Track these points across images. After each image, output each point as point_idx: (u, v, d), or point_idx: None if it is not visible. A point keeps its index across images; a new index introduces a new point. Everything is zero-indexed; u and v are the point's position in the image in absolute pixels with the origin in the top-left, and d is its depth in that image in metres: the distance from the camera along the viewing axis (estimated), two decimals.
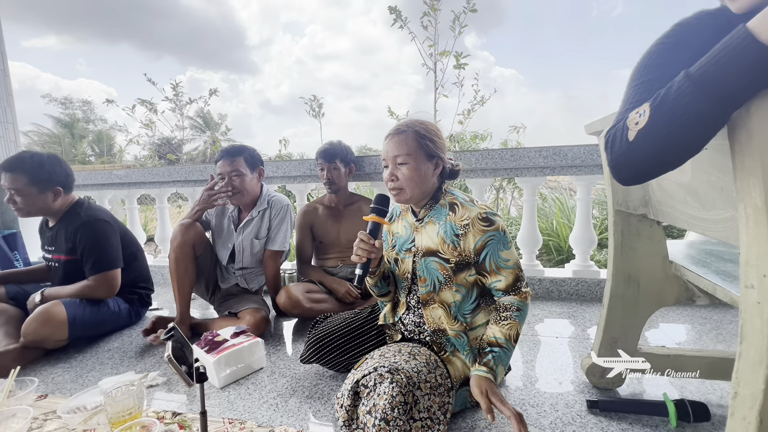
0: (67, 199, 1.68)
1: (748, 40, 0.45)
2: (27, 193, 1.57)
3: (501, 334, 0.99)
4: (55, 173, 1.62)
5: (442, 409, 0.95)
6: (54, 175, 1.61)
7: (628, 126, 0.58)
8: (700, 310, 1.78)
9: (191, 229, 1.67)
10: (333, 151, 1.87)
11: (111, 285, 1.65)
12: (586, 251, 2.08)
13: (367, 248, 1.06)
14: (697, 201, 0.76)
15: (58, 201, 1.64)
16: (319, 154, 1.90)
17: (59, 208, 1.66)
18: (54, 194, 1.62)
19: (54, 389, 1.31)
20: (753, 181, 0.51)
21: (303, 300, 1.67)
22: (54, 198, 1.63)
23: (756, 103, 0.49)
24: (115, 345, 1.64)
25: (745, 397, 0.54)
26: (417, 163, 1.06)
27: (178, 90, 6.64)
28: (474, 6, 3.98)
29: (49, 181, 1.60)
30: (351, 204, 1.95)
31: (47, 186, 1.60)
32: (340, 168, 1.87)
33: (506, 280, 1.04)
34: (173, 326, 0.90)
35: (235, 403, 1.18)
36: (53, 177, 1.61)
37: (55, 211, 1.66)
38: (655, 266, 1.05)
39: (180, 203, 8.49)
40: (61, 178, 1.64)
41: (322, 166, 1.88)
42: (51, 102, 20.00)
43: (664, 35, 0.65)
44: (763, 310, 0.51)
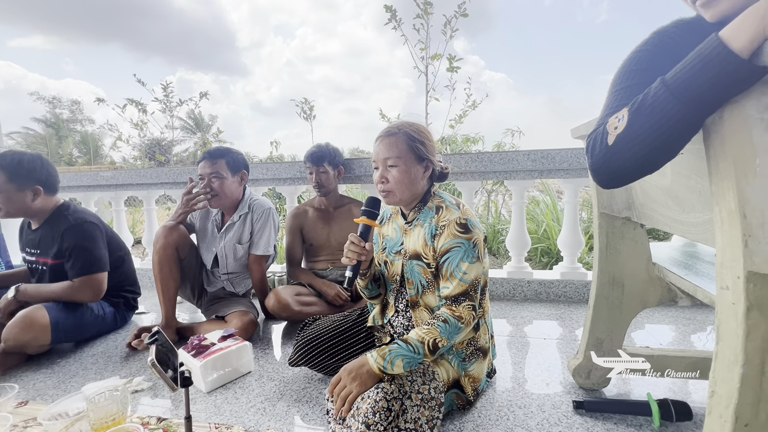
0: (50, 200, 1.64)
1: (720, 48, 0.46)
2: (4, 191, 1.52)
3: (415, 334, 0.97)
4: (35, 171, 1.57)
5: (430, 423, 0.93)
6: (34, 173, 1.57)
7: (608, 130, 0.59)
8: (683, 311, 1.81)
9: (174, 232, 1.65)
10: (320, 153, 1.87)
11: (96, 288, 1.62)
12: (574, 253, 2.11)
13: (358, 251, 1.06)
14: (677, 204, 0.77)
15: (38, 201, 1.59)
16: (307, 157, 1.89)
17: (40, 209, 1.62)
18: (33, 193, 1.58)
19: (35, 395, 1.28)
20: (727, 184, 0.52)
21: (292, 303, 1.66)
22: (33, 197, 1.58)
23: (729, 109, 0.50)
24: (99, 349, 1.61)
25: (722, 395, 0.55)
26: (407, 165, 1.07)
27: (168, 91, 6.58)
28: (465, 10, 4.02)
29: (28, 179, 1.55)
30: (341, 206, 1.95)
31: (26, 184, 1.55)
32: (329, 171, 1.87)
33: (452, 289, 1.01)
34: (157, 330, 0.88)
35: (222, 407, 1.17)
36: (33, 175, 1.57)
37: (35, 211, 1.61)
38: (638, 268, 1.07)
39: (169, 205, 8.38)
40: (41, 177, 1.59)
41: (310, 169, 1.88)
42: (38, 100, 19.60)
43: (643, 43, 0.67)
44: (738, 311, 0.52)
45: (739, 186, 0.50)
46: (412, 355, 0.94)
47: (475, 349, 1.11)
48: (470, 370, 1.09)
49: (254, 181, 2.36)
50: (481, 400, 1.16)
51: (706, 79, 0.47)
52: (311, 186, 1.94)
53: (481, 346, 1.12)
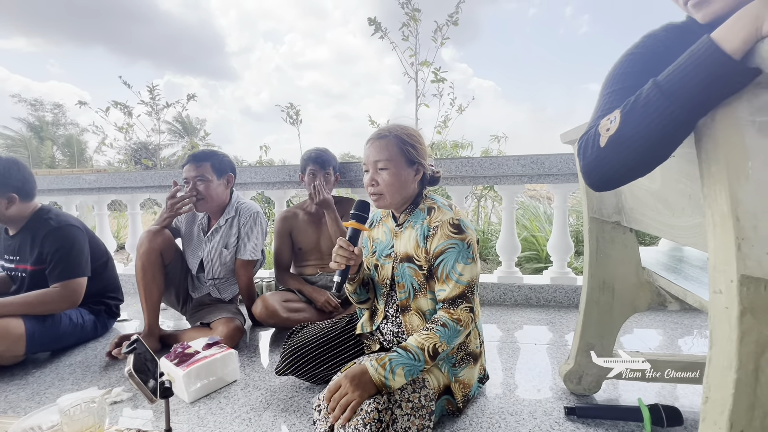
0: (26, 206, 1.58)
1: (712, 50, 0.46)
2: None
3: (414, 341, 0.95)
4: (10, 178, 1.51)
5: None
6: (9, 179, 1.51)
7: (600, 132, 0.59)
8: (673, 315, 1.83)
9: (158, 236, 1.60)
10: (326, 157, 1.82)
11: (75, 295, 1.55)
12: (563, 258, 2.12)
13: (347, 255, 1.03)
14: (667, 208, 0.77)
15: (12, 209, 1.53)
16: (312, 160, 1.80)
17: (16, 215, 1.55)
18: (8, 201, 1.51)
19: (7, 408, 1.22)
20: (719, 188, 0.52)
21: (280, 310, 1.62)
22: (8, 205, 1.52)
23: (721, 111, 0.50)
24: (77, 359, 1.55)
25: (716, 401, 0.54)
26: (398, 168, 1.05)
27: (155, 93, 6.48)
28: (456, 19, 4.07)
29: (3, 186, 1.49)
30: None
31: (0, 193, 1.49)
32: (332, 175, 1.84)
33: (449, 292, 1.00)
34: (136, 338, 0.85)
35: (206, 418, 1.13)
36: (8, 182, 1.50)
37: (10, 219, 1.55)
38: (628, 272, 1.07)
39: (156, 209, 8.22)
40: (16, 184, 1.53)
41: (314, 172, 1.80)
42: (20, 102, 19.10)
43: (634, 46, 0.67)
44: (731, 315, 0.52)
45: (732, 189, 0.50)
46: (413, 363, 0.91)
47: (466, 354, 1.09)
48: (461, 375, 1.07)
49: (243, 185, 2.32)
50: (473, 407, 1.14)
51: (699, 81, 0.47)
52: (306, 190, 1.87)
53: (471, 351, 1.10)
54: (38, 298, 1.49)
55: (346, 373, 0.92)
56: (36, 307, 1.48)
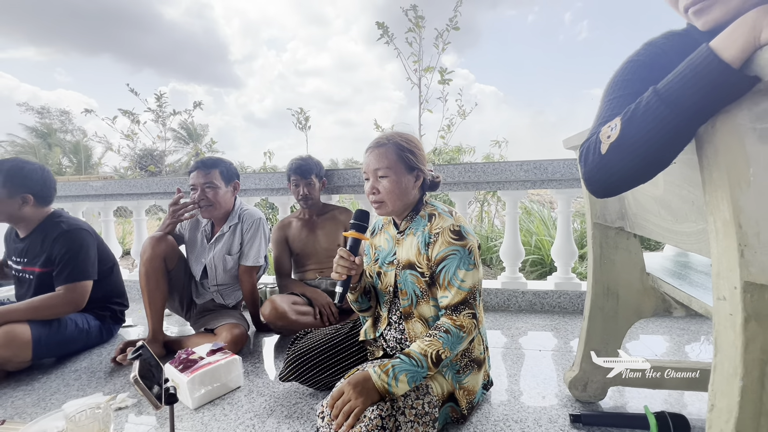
0: (40, 211, 1.61)
1: (711, 58, 0.46)
2: None
3: (417, 347, 0.95)
4: (30, 180, 1.55)
5: None
6: (28, 181, 1.55)
7: (601, 139, 0.59)
8: (679, 321, 1.81)
9: (162, 242, 1.62)
10: (307, 166, 1.86)
11: (80, 297, 1.57)
12: (568, 263, 2.11)
13: (348, 265, 1.04)
14: (670, 214, 0.77)
15: (26, 209, 1.56)
16: (293, 170, 1.86)
17: (28, 217, 1.58)
18: (22, 201, 1.55)
19: (13, 414, 1.22)
20: (721, 194, 0.52)
21: (289, 311, 1.62)
22: (21, 205, 1.55)
23: (721, 118, 0.50)
24: (83, 365, 1.56)
25: (722, 409, 0.54)
26: (398, 175, 1.06)
27: (162, 101, 6.55)
28: (457, 24, 4.11)
29: (21, 186, 1.53)
30: (324, 213, 1.94)
31: (17, 191, 1.53)
32: (315, 183, 1.87)
33: (451, 298, 1.00)
34: (141, 344, 0.85)
35: (210, 424, 1.13)
36: (26, 183, 1.54)
37: (22, 219, 1.58)
38: (632, 278, 1.07)
39: (160, 216, 8.29)
40: (35, 187, 1.57)
41: (296, 182, 1.86)
42: (28, 111, 19.38)
43: (635, 53, 0.68)
44: (736, 322, 0.51)
45: (734, 195, 0.50)
46: (416, 369, 0.91)
47: (470, 361, 1.09)
48: (465, 382, 1.07)
49: (247, 191, 2.33)
50: (477, 414, 1.13)
51: (698, 89, 0.48)
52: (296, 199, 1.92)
53: (475, 357, 1.10)
54: (44, 302, 1.50)
55: (349, 379, 0.92)
56: (42, 311, 1.49)
